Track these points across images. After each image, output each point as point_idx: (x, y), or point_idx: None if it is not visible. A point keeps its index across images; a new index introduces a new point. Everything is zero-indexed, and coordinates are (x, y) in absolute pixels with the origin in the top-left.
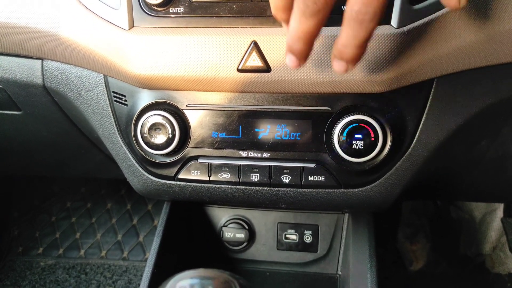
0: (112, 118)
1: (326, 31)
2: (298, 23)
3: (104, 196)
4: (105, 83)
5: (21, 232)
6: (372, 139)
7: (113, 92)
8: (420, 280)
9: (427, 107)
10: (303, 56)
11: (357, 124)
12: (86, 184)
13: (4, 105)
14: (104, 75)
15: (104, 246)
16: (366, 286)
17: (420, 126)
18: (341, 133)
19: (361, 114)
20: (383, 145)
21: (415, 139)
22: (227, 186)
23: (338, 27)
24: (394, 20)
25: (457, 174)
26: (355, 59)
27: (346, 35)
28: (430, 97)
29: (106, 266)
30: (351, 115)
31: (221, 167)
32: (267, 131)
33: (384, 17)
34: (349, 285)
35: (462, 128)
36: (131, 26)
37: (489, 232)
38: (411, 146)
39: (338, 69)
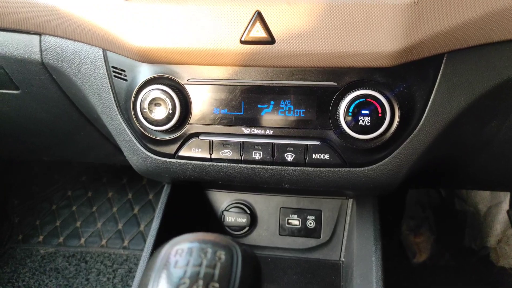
0: (111, 94)
1: (333, 0)
2: None
3: (106, 184)
4: (104, 58)
5: (21, 220)
6: (380, 115)
7: (112, 67)
8: (424, 272)
9: (437, 83)
10: None
11: (364, 99)
12: (87, 172)
13: (2, 84)
14: (103, 49)
15: (105, 235)
16: (371, 270)
17: (429, 103)
18: (347, 109)
19: (368, 89)
20: (391, 121)
21: (424, 116)
22: (228, 164)
23: None
24: None
25: (465, 157)
26: None
27: None
28: (440, 73)
29: (106, 255)
30: (358, 90)
31: (223, 145)
32: (271, 107)
33: None
34: (353, 269)
35: (472, 107)
36: None
37: (494, 225)
38: (420, 124)
39: None
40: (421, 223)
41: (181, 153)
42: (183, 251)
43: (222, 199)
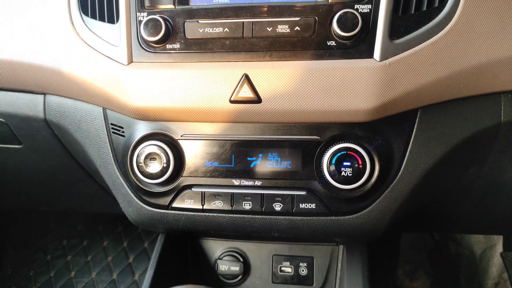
0: (110, 149)
1: (313, 65)
2: None
3: (101, 233)
4: (104, 116)
5: (15, 271)
6: (360, 166)
7: (111, 124)
8: None
9: (413, 135)
10: None
11: (345, 152)
12: (83, 220)
13: (6, 139)
14: (103, 108)
15: (99, 285)
16: None
17: (407, 154)
18: (330, 161)
19: (349, 142)
20: (371, 172)
21: (403, 166)
22: (220, 214)
23: (320, 61)
24: (377, 54)
25: (448, 204)
26: None
27: None
28: (415, 126)
29: None
30: (339, 143)
31: (214, 196)
32: (259, 159)
33: (367, 51)
34: None
35: (448, 156)
36: (130, 61)
37: (490, 268)
38: (399, 174)
39: None
40: (417, 267)
41: (174, 204)
42: None
43: (215, 247)
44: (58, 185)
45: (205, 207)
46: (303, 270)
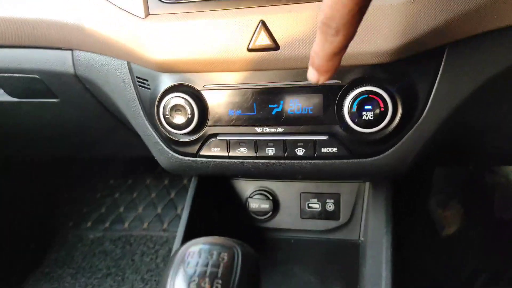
0: (138, 102)
1: None
2: (320, 43)
3: (143, 172)
4: (129, 69)
5: (70, 209)
6: (382, 109)
7: (137, 77)
8: (453, 245)
9: (439, 75)
10: (325, 72)
11: (367, 96)
12: (126, 162)
13: (43, 94)
14: (127, 61)
15: (145, 219)
16: (381, 251)
17: (432, 94)
18: (351, 105)
19: (371, 85)
20: (393, 115)
21: (427, 107)
22: (245, 160)
23: None
24: None
25: (476, 140)
26: (325, 71)
27: (316, 42)
28: (442, 64)
29: (148, 237)
30: (361, 86)
31: (239, 143)
32: (280, 106)
33: None
34: (366, 250)
35: (476, 94)
36: (147, 14)
37: None
38: (423, 115)
39: (309, 77)
40: (450, 197)
41: (202, 152)
42: (194, 253)
43: (246, 187)
44: (96, 135)
45: (230, 154)
46: (330, 206)
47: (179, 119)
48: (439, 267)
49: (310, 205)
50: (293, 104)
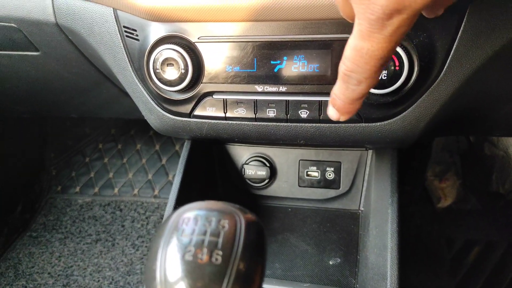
0: (125, 54)
1: None
2: (341, 89)
3: (134, 137)
4: (115, 18)
5: (58, 172)
6: (397, 68)
7: (124, 26)
8: (448, 216)
9: (461, 30)
10: (346, 113)
11: None
12: (116, 125)
13: (22, 46)
14: (113, 9)
15: (136, 185)
16: (387, 221)
17: (452, 52)
18: None
19: None
20: (409, 74)
21: (445, 66)
22: (243, 122)
23: None
24: None
25: (490, 107)
26: (346, 112)
27: (338, 86)
28: (465, 18)
29: (139, 203)
30: None
31: (237, 103)
32: (284, 63)
33: None
34: (370, 220)
35: (499, 54)
36: None
37: None
38: (440, 76)
39: (329, 114)
40: (448, 168)
41: (196, 112)
42: (189, 220)
43: (242, 153)
44: (82, 91)
45: (227, 115)
46: (330, 175)
47: (171, 74)
48: (433, 238)
49: (309, 173)
50: (298, 61)
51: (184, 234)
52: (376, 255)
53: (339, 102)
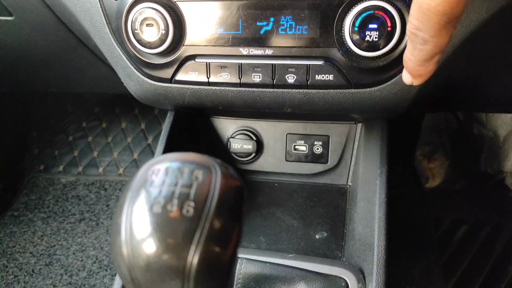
0: (102, 16)
1: None
2: (410, 49)
3: (119, 115)
4: None
5: (41, 151)
6: (389, 28)
7: None
8: (436, 197)
9: None
10: (418, 76)
11: (372, 12)
12: (100, 103)
13: None
14: None
15: (121, 164)
16: (375, 193)
17: None
18: (353, 23)
19: (377, 0)
20: (401, 35)
21: None
22: (227, 88)
23: None
24: None
25: (484, 78)
26: (418, 75)
27: (407, 48)
28: None
29: (124, 183)
30: (366, 1)
31: (221, 67)
32: (270, 24)
33: None
34: (357, 192)
35: (496, 18)
36: None
37: None
38: None
39: (403, 78)
40: (436, 149)
41: (178, 77)
42: (160, 171)
43: (227, 126)
44: (61, 63)
45: (210, 80)
46: (318, 149)
47: (150, 35)
48: (421, 219)
49: (296, 147)
50: (285, 22)
51: (153, 185)
52: (363, 226)
53: (409, 64)
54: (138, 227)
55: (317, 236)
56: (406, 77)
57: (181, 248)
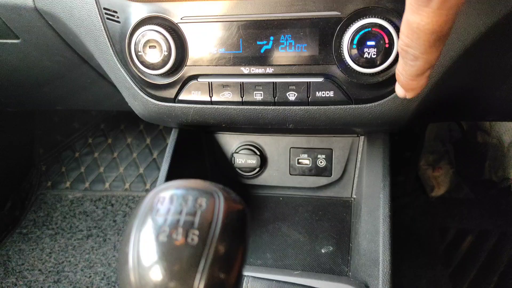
0: (106, 38)
1: None
2: (402, 65)
3: (124, 131)
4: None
5: (48, 168)
6: (387, 45)
7: (104, 8)
8: (441, 205)
9: None
10: (411, 90)
11: (370, 29)
12: (105, 120)
13: (1, 33)
14: None
15: (128, 179)
16: (378, 206)
17: None
18: (352, 40)
19: (375, 17)
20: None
21: None
22: (230, 106)
23: None
24: None
25: (484, 89)
26: (410, 89)
27: (399, 64)
28: None
29: (130, 198)
30: (363, 18)
31: (223, 86)
32: (270, 43)
33: None
34: (361, 206)
35: (493, 31)
36: None
37: None
38: None
39: (397, 92)
40: (441, 157)
41: (181, 97)
42: (165, 199)
43: (231, 142)
44: (67, 83)
45: (213, 98)
46: (321, 162)
47: (153, 56)
48: (426, 228)
49: (300, 160)
50: (285, 41)
51: (159, 214)
52: (368, 241)
53: (402, 79)
54: (145, 256)
55: (323, 251)
56: (399, 91)
57: (187, 275)
